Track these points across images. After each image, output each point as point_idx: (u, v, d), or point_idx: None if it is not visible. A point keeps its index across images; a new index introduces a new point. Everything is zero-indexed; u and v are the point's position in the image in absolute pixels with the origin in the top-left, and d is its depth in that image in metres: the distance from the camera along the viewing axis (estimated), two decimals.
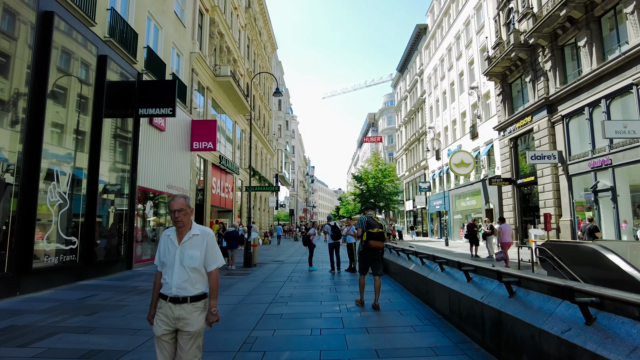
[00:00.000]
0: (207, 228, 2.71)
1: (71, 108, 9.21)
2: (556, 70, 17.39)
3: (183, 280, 2.50)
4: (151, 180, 12.81)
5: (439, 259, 5.77)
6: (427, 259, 6.69)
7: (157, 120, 13.04)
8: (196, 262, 2.53)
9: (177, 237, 2.60)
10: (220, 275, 10.57)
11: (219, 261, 2.67)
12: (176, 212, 2.57)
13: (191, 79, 17.07)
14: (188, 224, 2.62)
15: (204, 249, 2.59)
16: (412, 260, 7.65)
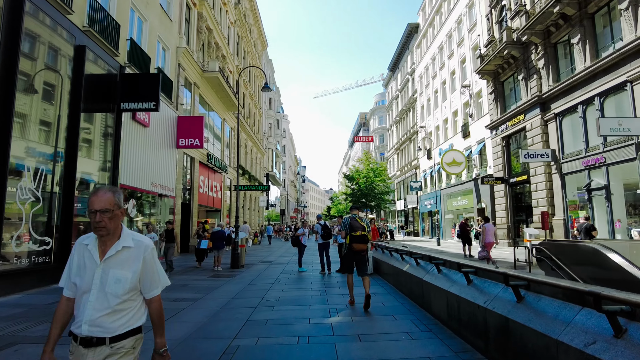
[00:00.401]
0: (145, 238, 1.96)
1: (45, 100, 8.66)
2: (549, 68, 17.23)
3: (101, 314, 1.74)
4: (134, 178, 12.28)
5: (436, 259, 5.41)
6: (422, 259, 6.32)
7: (141, 116, 12.51)
8: (125, 288, 1.79)
9: (99, 250, 1.82)
10: (205, 278, 10.23)
11: (163, 282, 1.97)
12: (98, 214, 1.76)
13: (177, 74, 16.53)
14: (116, 232, 1.84)
15: (139, 268, 1.83)
16: (405, 261, 7.29)
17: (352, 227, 6.18)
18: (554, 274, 7.81)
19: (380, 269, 9.33)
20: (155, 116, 13.77)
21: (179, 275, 10.26)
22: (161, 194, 14.35)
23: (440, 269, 5.35)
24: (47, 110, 8.74)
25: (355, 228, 6.17)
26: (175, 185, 15.80)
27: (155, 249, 1.95)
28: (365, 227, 6.30)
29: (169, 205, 15.29)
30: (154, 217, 14.38)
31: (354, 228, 6.17)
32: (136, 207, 12.40)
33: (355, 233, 6.15)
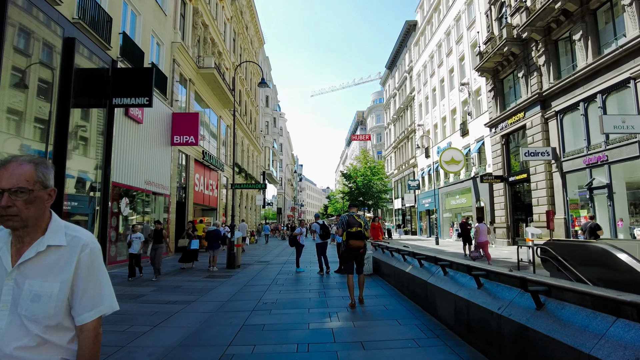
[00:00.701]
0: (84, 232, 1.39)
1: (32, 94, 8.32)
2: (550, 65, 17.02)
3: (15, 347, 1.18)
4: (127, 176, 11.94)
5: (442, 261, 5.14)
6: (426, 260, 6.05)
7: (134, 112, 12.16)
8: (48, 309, 1.23)
9: (12, 251, 1.27)
10: (200, 279, 9.91)
11: (107, 304, 1.34)
12: (6, 195, 1.19)
13: (172, 69, 16.18)
14: (39, 223, 1.29)
15: (70, 276, 1.27)
16: (408, 262, 7.02)
17: (349, 223, 6.19)
18: (559, 275, 7.57)
19: (381, 270, 9.06)
20: (149, 112, 13.43)
21: (172, 276, 9.95)
22: (155, 192, 14.02)
23: (446, 271, 5.08)
24: (34, 105, 8.39)
25: (352, 224, 6.17)
26: (170, 183, 15.46)
27: (100, 251, 1.38)
28: (362, 224, 6.26)
29: (164, 203, 14.95)
30: (149, 216, 14.05)
31: (350, 225, 6.17)
32: (129, 205, 12.06)
33: (351, 229, 6.14)
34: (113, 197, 11.18)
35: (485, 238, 12.29)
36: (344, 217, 6.39)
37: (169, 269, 11.59)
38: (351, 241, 6.13)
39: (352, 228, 6.17)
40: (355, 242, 6.12)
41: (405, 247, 8.16)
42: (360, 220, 6.32)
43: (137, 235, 9.89)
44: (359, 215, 6.46)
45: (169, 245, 9.90)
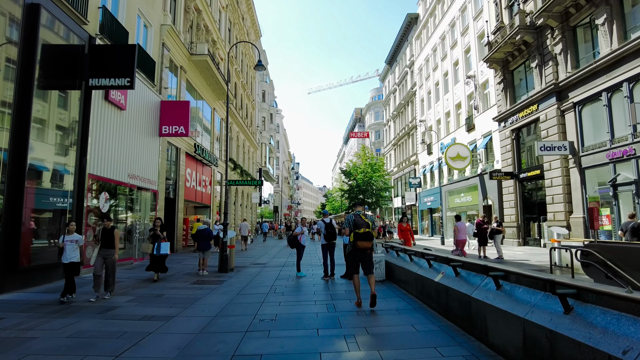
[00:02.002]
0: None
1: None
2: (567, 53, 15.88)
3: None
4: (107, 168, 10.66)
5: (494, 270, 3.94)
6: (463, 268, 4.86)
7: (115, 96, 10.87)
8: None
9: None
10: (186, 285, 8.47)
11: None
12: None
13: (161, 54, 14.88)
14: None
15: None
16: (435, 269, 5.83)
17: (356, 224, 5.98)
18: (609, 282, 6.41)
19: (395, 276, 7.86)
20: (133, 98, 12.15)
21: (155, 282, 8.69)
22: (140, 187, 12.74)
23: (499, 284, 3.88)
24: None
25: (360, 225, 5.96)
26: (158, 178, 14.18)
27: None
28: (370, 224, 6.10)
29: (151, 200, 13.67)
30: (136, 214, 12.78)
31: (357, 225, 5.96)
32: (109, 201, 10.77)
33: (359, 230, 5.92)
34: (90, 191, 9.90)
35: (464, 237, 12.27)
36: (350, 216, 6.18)
37: (127, 279, 10.31)
38: (359, 242, 5.89)
39: (359, 229, 5.93)
40: (363, 244, 5.89)
41: (426, 249, 6.98)
42: (367, 220, 6.12)
43: (74, 237, 6.87)
44: (365, 214, 6.24)
45: (117, 253, 7.11)
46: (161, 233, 9.17)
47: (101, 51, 9.55)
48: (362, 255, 6.00)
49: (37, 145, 8.10)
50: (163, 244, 9.02)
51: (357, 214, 6.13)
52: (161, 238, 9.06)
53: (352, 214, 6.22)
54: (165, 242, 9.11)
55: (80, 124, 9.47)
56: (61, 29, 8.89)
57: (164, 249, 8.98)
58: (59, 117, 9.09)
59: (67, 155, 9.16)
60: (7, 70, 7.48)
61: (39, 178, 8.31)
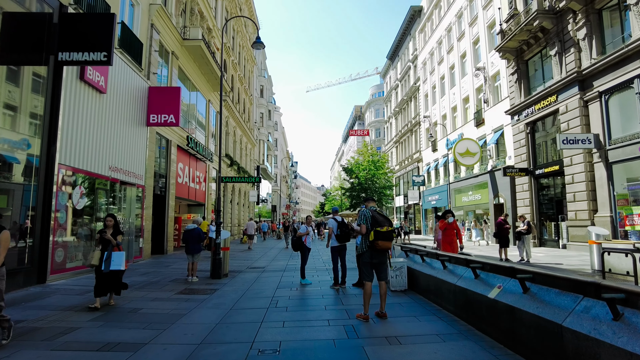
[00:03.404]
0: None
1: None
2: (592, 38, 14.63)
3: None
4: (83, 159, 9.32)
5: (610, 290, 2.65)
6: (533, 282, 3.57)
7: (93, 77, 9.52)
8: None
9: None
10: (170, 296, 6.80)
11: None
12: None
13: (150, 36, 13.52)
14: None
15: None
16: (482, 280, 4.55)
17: (376, 220, 5.12)
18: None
19: (420, 285, 6.57)
20: (116, 81, 10.81)
21: (134, 292, 7.37)
22: (124, 181, 11.39)
23: (617, 311, 2.59)
24: None
25: (380, 222, 5.11)
26: (145, 171, 12.83)
27: None
28: (391, 221, 5.45)
29: (135, 196, 12.32)
30: (117, 211, 11.45)
31: (378, 222, 5.11)
32: (85, 196, 9.41)
33: (381, 228, 5.04)
34: (61, 185, 8.56)
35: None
36: (366, 212, 5.27)
37: (138, 277, 8.98)
38: (380, 242, 5.02)
39: (381, 226, 5.07)
40: (385, 244, 5.05)
41: (464, 254, 5.70)
42: (386, 216, 5.35)
43: None
44: (381, 211, 5.59)
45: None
46: (114, 237, 6.18)
47: (73, 21, 8.17)
48: (380, 258, 5.16)
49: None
50: (115, 254, 6.00)
51: (373, 210, 5.28)
52: (113, 245, 6.06)
53: (368, 210, 5.31)
54: (120, 251, 6.15)
55: (49, 106, 8.13)
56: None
57: (116, 263, 5.93)
58: (20, 98, 7.75)
59: (29, 143, 7.81)
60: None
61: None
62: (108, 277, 5.97)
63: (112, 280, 6.07)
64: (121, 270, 6.12)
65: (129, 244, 11.83)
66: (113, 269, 5.92)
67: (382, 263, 5.20)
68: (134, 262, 11.87)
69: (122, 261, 6.06)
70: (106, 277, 5.95)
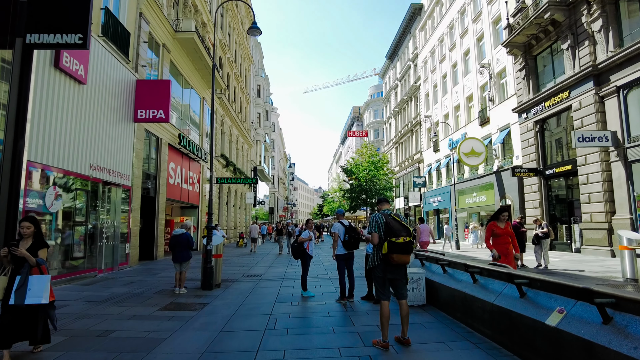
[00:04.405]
0: None
1: None
2: (608, 30, 13.84)
3: None
4: (59, 156, 8.37)
5: None
6: (616, 308, 2.68)
7: (71, 65, 8.58)
8: None
9: None
10: (152, 312, 5.81)
11: None
12: None
13: (138, 26, 12.59)
14: None
15: None
16: (533, 300, 3.65)
17: (391, 228, 4.16)
18: None
19: (441, 299, 5.67)
20: (98, 71, 9.87)
21: (112, 307, 6.41)
22: (108, 181, 10.44)
23: None
24: None
25: (396, 230, 4.14)
26: (132, 171, 11.87)
27: None
28: (410, 228, 4.32)
29: (121, 197, 11.35)
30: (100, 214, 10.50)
31: (393, 231, 4.14)
32: (61, 197, 8.45)
33: (397, 239, 4.09)
34: (31, 185, 7.60)
35: (427, 238, 11.63)
36: (378, 217, 4.33)
37: (120, 289, 8.02)
38: (396, 256, 4.08)
39: (397, 236, 4.10)
40: (402, 258, 4.12)
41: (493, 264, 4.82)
42: (404, 223, 4.30)
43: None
44: (398, 215, 4.39)
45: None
46: (33, 252, 4.15)
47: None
48: (396, 274, 4.21)
49: None
50: (34, 279, 3.93)
51: (386, 213, 4.35)
52: (31, 266, 4.02)
53: (380, 214, 4.37)
54: (42, 274, 4.06)
55: (15, 95, 7.16)
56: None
57: (34, 293, 3.85)
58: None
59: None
60: None
61: None
62: (21, 315, 3.86)
63: (28, 320, 3.90)
64: (42, 305, 3.94)
65: (114, 250, 10.87)
66: (29, 302, 3.79)
67: (400, 279, 4.25)
68: (119, 270, 10.91)
69: (45, 290, 3.89)
70: (18, 315, 3.85)
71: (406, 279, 4.31)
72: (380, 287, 4.21)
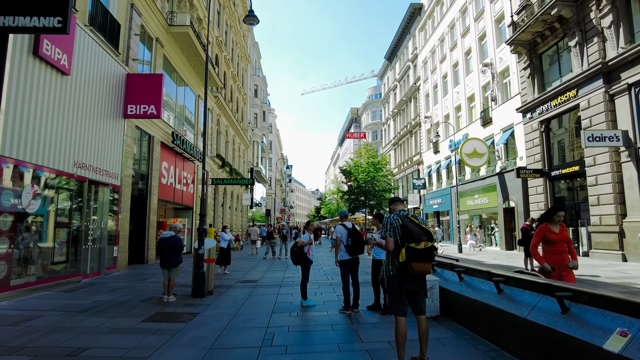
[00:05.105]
0: None
1: None
2: (619, 26, 13.36)
3: None
4: (38, 151, 7.73)
5: None
6: None
7: (52, 53, 7.95)
8: None
9: None
10: (136, 323, 5.18)
11: None
12: None
13: (129, 17, 11.98)
14: None
15: None
16: (579, 318, 3.08)
17: (409, 232, 3.51)
18: None
19: (456, 309, 5.08)
20: (84, 62, 9.25)
21: (91, 318, 5.77)
22: (95, 180, 9.79)
23: None
24: None
25: (416, 235, 3.50)
26: (122, 170, 11.23)
27: None
28: (431, 232, 3.66)
29: (109, 197, 10.70)
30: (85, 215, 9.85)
31: (412, 235, 3.50)
32: (40, 196, 7.80)
33: (417, 245, 3.45)
34: (4, 182, 6.96)
35: None
36: (393, 218, 3.66)
37: (103, 294, 7.38)
38: (415, 264, 3.44)
39: (417, 241, 3.48)
40: (422, 267, 3.47)
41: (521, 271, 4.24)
42: (424, 225, 3.64)
43: None
44: (415, 216, 3.71)
45: None
46: None
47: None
48: (415, 285, 3.60)
49: None
50: None
51: (402, 214, 3.70)
52: None
53: (395, 215, 3.71)
54: None
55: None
56: None
57: None
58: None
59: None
60: None
61: None
62: None
63: None
64: None
65: (101, 253, 10.21)
66: None
67: (418, 291, 3.64)
68: (106, 274, 10.25)
69: None
70: None
71: (425, 291, 3.69)
72: (395, 301, 3.58)
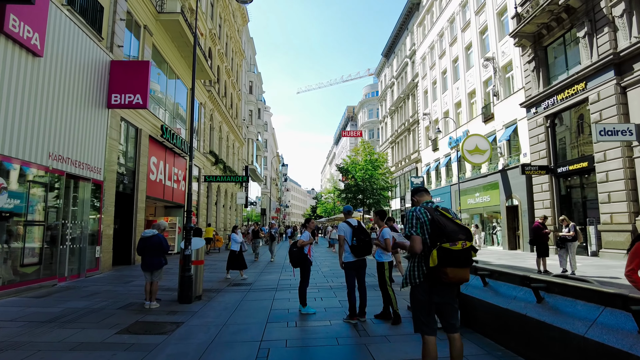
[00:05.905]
0: None
1: None
2: (632, 15, 12.75)
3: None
4: (6, 140, 6.92)
5: None
6: None
7: (21, 31, 7.12)
8: None
9: None
10: (109, 335, 4.31)
11: None
12: None
13: (114, 1, 11.15)
14: None
15: None
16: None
17: (442, 228, 2.70)
18: None
19: (486, 322, 4.35)
20: (60, 44, 8.43)
21: (56, 329, 4.98)
22: (73, 174, 8.97)
23: None
24: None
25: (451, 233, 2.68)
26: (105, 164, 10.41)
27: None
28: (469, 229, 2.85)
29: (91, 194, 9.88)
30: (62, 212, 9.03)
31: (445, 232, 2.69)
32: (6, 191, 6.98)
33: (453, 245, 2.63)
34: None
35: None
36: (420, 211, 2.88)
37: (77, 301, 6.59)
38: (451, 270, 2.64)
39: (454, 241, 2.66)
40: (460, 273, 2.68)
41: (565, 276, 3.52)
42: (459, 220, 2.87)
43: None
44: (447, 209, 2.96)
45: None
46: None
47: None
48: (446, 296, 2.87)
49: None
50: None
51: (430, 207, 2.94)
52: None
53: (422, 208, 2.93)
54: None
55: None
56: None
57: None
58: None
59: None
60: None
61: None
62: None
63: None
64: None
65: (81, 254, 9.39)
66: None
67: (451, 303, 2.90)
68: (86, 277, 9.44)
69: None
70: None
71: (458, 304, 2.95)
72: (423, 316, 2.83)
